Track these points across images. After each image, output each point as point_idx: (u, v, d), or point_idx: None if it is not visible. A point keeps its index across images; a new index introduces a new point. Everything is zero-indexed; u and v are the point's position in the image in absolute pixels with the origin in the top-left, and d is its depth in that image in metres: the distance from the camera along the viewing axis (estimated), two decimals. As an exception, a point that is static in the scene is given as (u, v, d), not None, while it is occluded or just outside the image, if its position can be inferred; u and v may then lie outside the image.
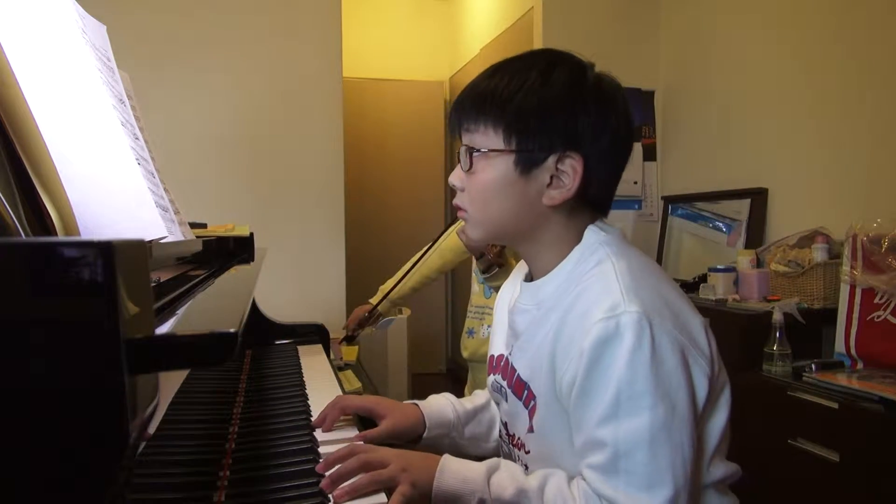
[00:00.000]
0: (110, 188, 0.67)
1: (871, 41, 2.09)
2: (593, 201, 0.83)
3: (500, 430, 0.91)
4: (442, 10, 4.75)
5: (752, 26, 2.58)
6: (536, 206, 0.81)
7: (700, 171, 2.88)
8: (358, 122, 4.30)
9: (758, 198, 2.50)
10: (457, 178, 0.85)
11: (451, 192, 0.88)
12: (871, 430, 1.56)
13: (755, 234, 2.48)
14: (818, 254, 2.07)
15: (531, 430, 0.82)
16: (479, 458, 0.85)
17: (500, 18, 3.72)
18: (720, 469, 0.80)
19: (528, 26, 3.24)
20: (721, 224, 2.64)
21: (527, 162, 0.79)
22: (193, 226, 1.32)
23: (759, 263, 2.31)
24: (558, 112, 0.78)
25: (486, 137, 0.80)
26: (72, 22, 0.75)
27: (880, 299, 1.84)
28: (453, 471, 0.79)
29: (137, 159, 0.79)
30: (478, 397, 1.07)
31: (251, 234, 1.50)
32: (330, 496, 0.76)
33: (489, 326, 1.67)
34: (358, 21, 4.31)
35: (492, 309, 1.67)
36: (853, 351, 1.88)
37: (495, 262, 1.51)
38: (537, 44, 3.11)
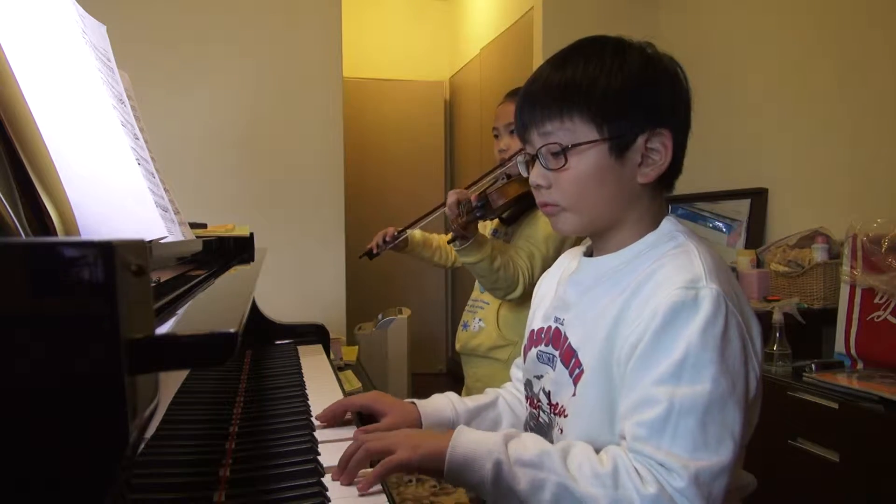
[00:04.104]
0: (110, 188, 0.67)
1: (871, 41, 2.09)
2: (670, 175, 0.85)
3: (537, 402, 0.91)
4: (442, 10, 4.75)
5: (751, 27, 2.58)
6: (632, 187, 0.82)
7: (700, 171, 2.87)
8: (358, 122, 4.30)
9: (758, 198, 2.50)
10: (540, 177, 0.83)
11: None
12: (871, 430, 1.56)
13: (755, 234, 2.48)
14: (818, 254, 2.06)
15: (574, 394, 0.82)
16: None
17: (500, 18, 3.72)
18: (739, 477, 0.80)
19: (528, 26, 3.24)
20: (721, 224, 2.64)
21: (620, 146, 0.80)
22: (193, 226, 1.32)
23: (759, 263, 2.31)
24: (642, 90, 0.80)
25: (574, 131, 0.80)
26: (72, 22, 0.75)
27: (880, 299, 1.83)
28: (468, 437, 0.78)
29: (137, 159, 0.79)
30: (484, 396, 1.07)
31: (251, 235, 1.51)
32: (329, 496, 0.76)
33: (480, 320, 1.69)
34: (358, 21, 4.31)
35: (485, 303, 1.70)
36: (853, 351, 1.88)
37: (459, 234, 1.49)
38: (537, 44, 3.11)
